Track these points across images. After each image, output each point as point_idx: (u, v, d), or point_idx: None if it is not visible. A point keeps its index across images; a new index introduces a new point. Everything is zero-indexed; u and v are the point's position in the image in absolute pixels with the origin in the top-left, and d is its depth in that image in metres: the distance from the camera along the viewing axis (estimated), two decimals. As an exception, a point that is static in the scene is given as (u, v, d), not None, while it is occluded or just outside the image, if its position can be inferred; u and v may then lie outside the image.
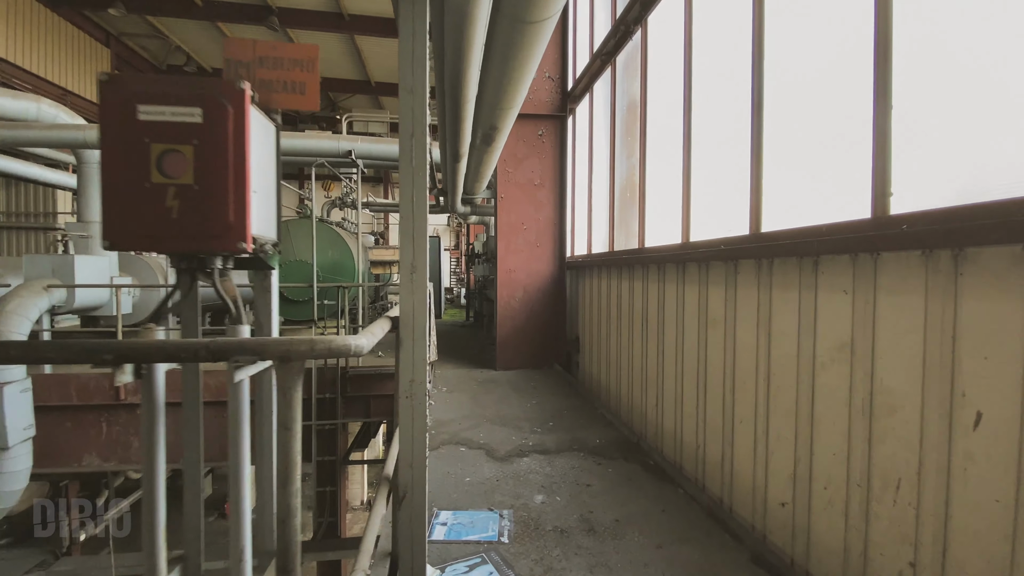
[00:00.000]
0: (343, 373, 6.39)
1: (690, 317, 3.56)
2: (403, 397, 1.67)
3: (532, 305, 6.55)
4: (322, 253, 6.97)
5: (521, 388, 5.59)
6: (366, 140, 6.44)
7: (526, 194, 6.51)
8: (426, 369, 1.65)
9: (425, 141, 1.59)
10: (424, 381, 1.68)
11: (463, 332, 10.61)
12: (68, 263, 6.19)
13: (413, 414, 1.66)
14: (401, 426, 1.73)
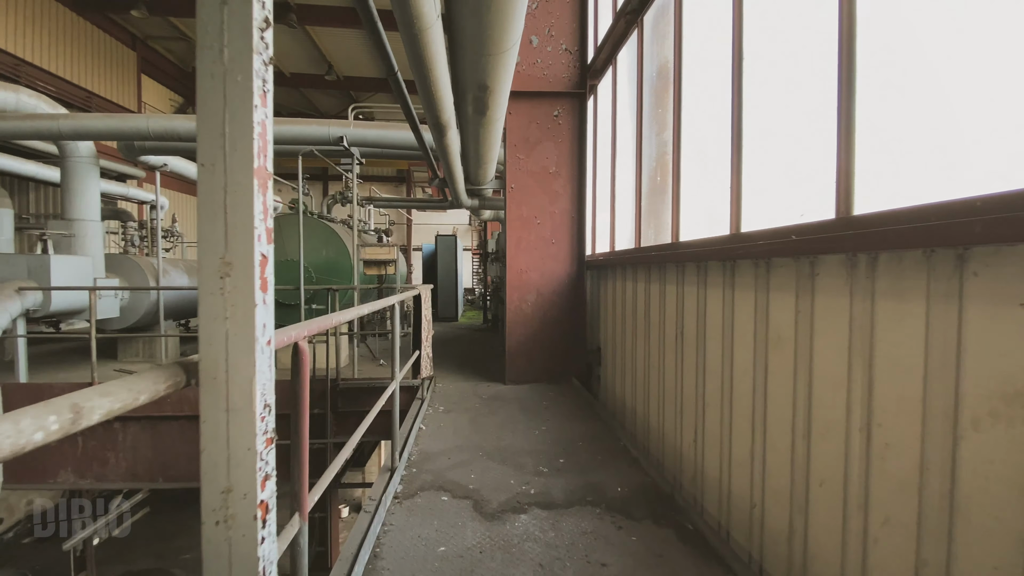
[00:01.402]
0: (333, 386, 5.71)
1: (743, 331, 2.68)
2: (207, 523, 0.86)
3: (547, 310, 5.73)
4: (315, 252, 6.33)
5: (531, 408, 4.78)
6: (360, 125, 5.75)
7: (540, 184, 5.69)
8: (256, 466, 0.84)
9: (251, 7, 0.81)
10: (255, 491, 0.87)
11: (477, 336, 9.85)
12: (44, 264, 5.73)
13: (231, 557, 0.84)
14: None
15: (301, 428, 1.41)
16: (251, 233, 0.77)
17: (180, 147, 6.81)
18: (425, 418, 4.43)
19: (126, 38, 17.30)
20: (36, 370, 6.57)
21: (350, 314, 2.05)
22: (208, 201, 0.76)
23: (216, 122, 0.76)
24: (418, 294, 4.03)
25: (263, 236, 0.80)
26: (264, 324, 0.81)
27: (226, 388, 0.78)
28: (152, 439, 5.73)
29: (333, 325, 1.84)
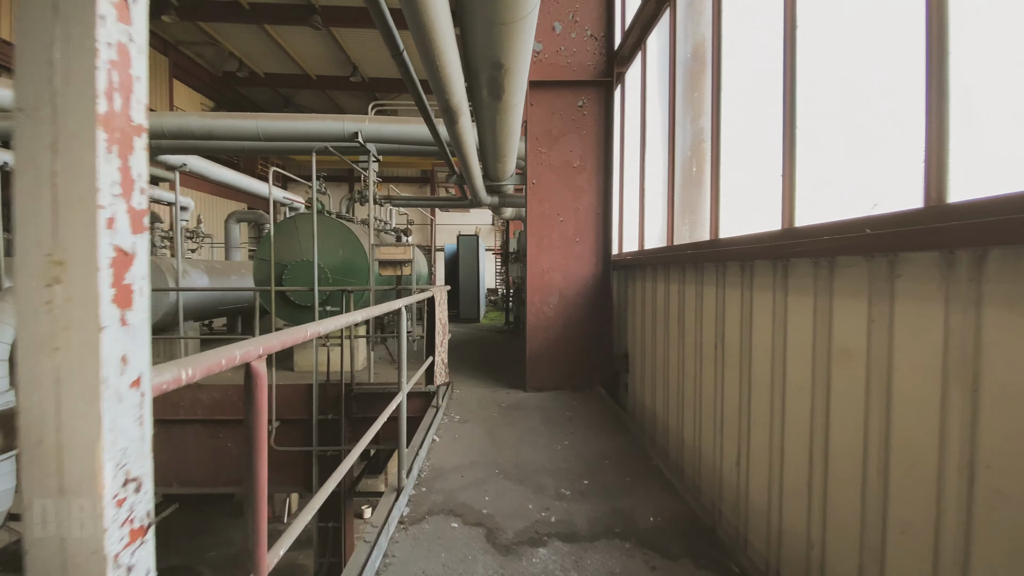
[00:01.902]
0: (347, 391, 5.51)
1: (798, 342, 2.30)
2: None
3: (570, 313, 5.39)
4: (331, 252, 6.14)
5: (553, 419, 4.45)
6: (376, 120, 5.52)
7: (563, 179, 5.36)
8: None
9: None
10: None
11: (498, 339, 9.55)
12: (63, 264, 5.69)
13: None
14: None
15: (257, 471, 1.12)
16: (94, 216, 0.49)
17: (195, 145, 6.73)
18: (440, 428, 4.16)
19: (158, 44, 17.68)
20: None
21: (331, 324, 1.78)
22: (28, 168, 0.48)
23: (40, 42, 0.48)
24: (431, 296, 3.75)
25: (121, 221, 0.51)
26: (124, 356, 0.52)
27: (56, 458, 0.50)
28: (166, 442, 5.65)
29: (301, 339, 1.57)
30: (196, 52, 19.37)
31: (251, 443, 1.12)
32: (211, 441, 5.71)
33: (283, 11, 15.87)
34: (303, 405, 5.56)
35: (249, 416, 1.11)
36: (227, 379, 6.00)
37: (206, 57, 19.76)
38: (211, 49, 19.18)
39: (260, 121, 5.45)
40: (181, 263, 7.57)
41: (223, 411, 5.60)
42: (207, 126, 5.45)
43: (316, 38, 17.89)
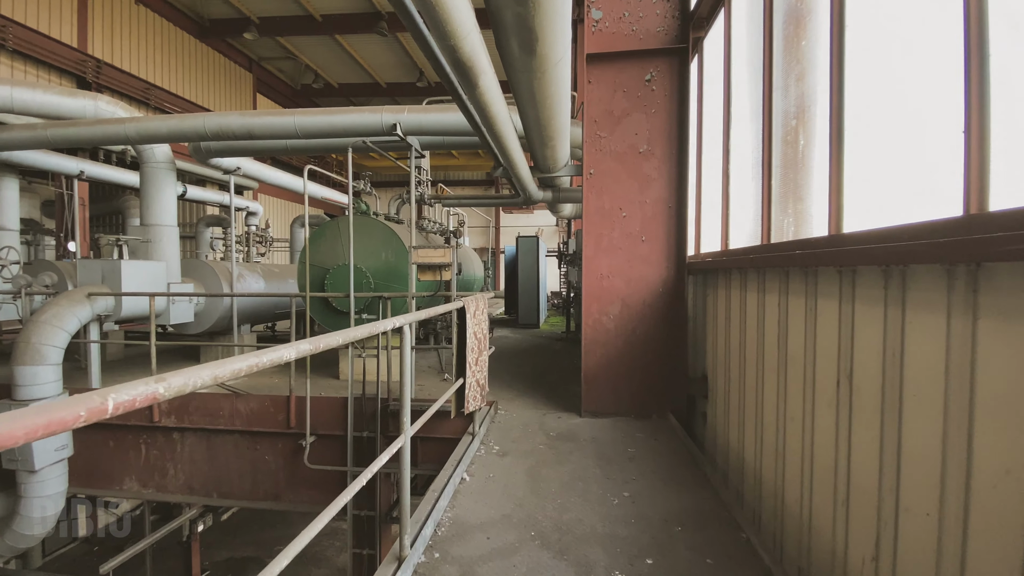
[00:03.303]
0: (384, 406, 5.03)
1: (1001, 393, 1.40)
2: None
3: (635, 325, 4.55)
4: (373, 256, 5.72)
5: (611, 456, 3.65)
6: (415, 110, 5.01)
7: (626, 167, 4.54)
8: None
9: None
10: None
11: (556, 348, 8.78)
12: (117, 269, 5.72)
13: None
14: None
15: None
16: None
17: (241, 147, 6.62)
18: (473, 461, 3.51)
19: (243, 60, 18.76)
20: (119, 372, 6.73)
21: (278, 354, 1.17)
22: None
23: None
24: (461, 307, 3.12)
25: None
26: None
27: None
28: (207, 452, 5.48)
29: (233, 374, 0.98)
30: (277, 67, 20.41)
31: None
32: (250, 453, 5.47)
33: (352, 20, 16.22)
34: (339, 420, 5.16)
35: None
36: (266, 388, 5.77)
37: (286, 71, 20.77)
38: (290, 63, 20.11)
39: (297, 117, 5.13)
40: (236, 267, 7.57)
41: (261, 423, 5.33)
42: (246, 124, 5.21)
43: (384, 45, 18.16)
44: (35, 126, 5.76)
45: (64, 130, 5.59)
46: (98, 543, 12.19)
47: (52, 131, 5.62)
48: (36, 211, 15.09)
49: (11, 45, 10.17)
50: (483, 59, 2.20)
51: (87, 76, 11.92)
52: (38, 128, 5.71)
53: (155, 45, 14.75)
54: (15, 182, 7.49)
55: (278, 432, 5.32)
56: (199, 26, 16.22)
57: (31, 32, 10.62)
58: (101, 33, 12.85)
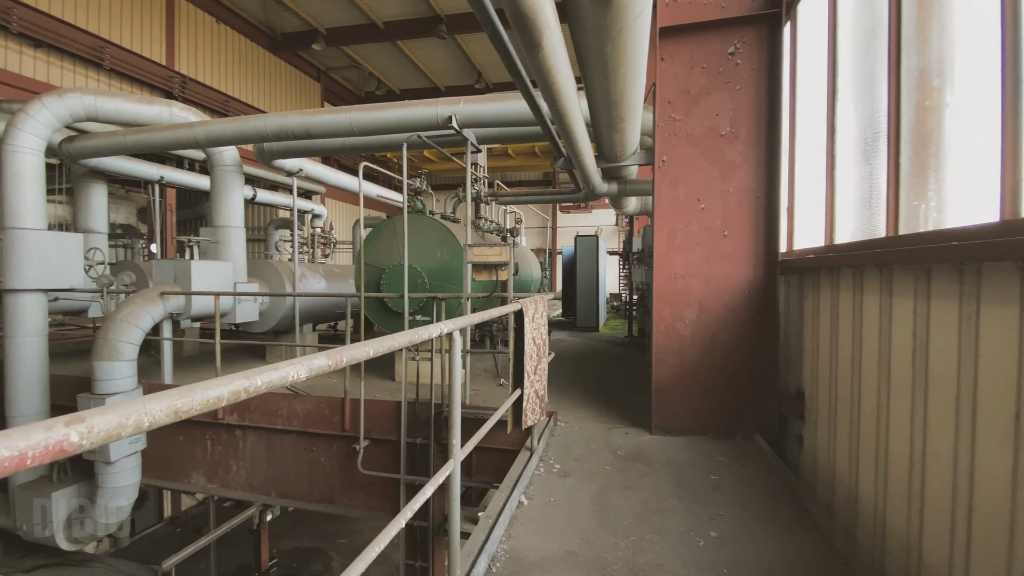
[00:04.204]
0: (437, 412, 4.79)
1: None
2: None
3: (715, 332, 4.01)
4: (428, 255, 5.53)
5: (691, 484, 3.17)
6: (471, 100, 4.74)
7: (705, 152, 4.01)
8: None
9: None
10: None
11: (618, 353, 8.24)
12: (187, 269, 5.90)
13: None
14: None
15: None
16: None
17: (300, 146, 6.66)
18: (532, 482, 3.15)
19: (312, 71, 19.61)
20: (192, 367, 7.00)
21: (277, 375, 0.88)
22: None
23: None
24: (519, 310, 2.78)
25: None
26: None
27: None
28: (267, 451, 5.50)
29: (203, 404, 0.71)
30: (343, 76, 21.19)
31: None
32: (307, 454, 5.43)
33: (412, 25, 16.47)
34: (392, 424, 4.98)
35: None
36: (323, 388, 5.74)
37: (351, 80, 21.52)
38: (354, 72, 20.80)
39: (353, 114, 5.03)
40: (299, 268, 7.69)
41: (317, 424, 5.27)
42: (304, 123, 5.18)
43: (443, 49, 18.34)
44: (116, 133, 6.08)
45: (141, 135, 5.85)
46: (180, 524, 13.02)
47: (131, 137, 5.90)
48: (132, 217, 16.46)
49: (108, 64, 11.05)
50: (548, 10, 1.84)
51: (174, 91, 12.78)
52: (119, 135, 6.02)
53: (233, 60, 15.65)
54: (103, 188, 8.04)
55: (333, 434, 5.23)
56: (272, 40, 17.07)
57: (125, 52, 11.51)
58: (186, 51, 13.77)
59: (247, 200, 10.75)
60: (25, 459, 0.50)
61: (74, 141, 6.41)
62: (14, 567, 5.00)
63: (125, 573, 5.24)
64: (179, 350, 8.15)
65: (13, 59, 9.38)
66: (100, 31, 11.05)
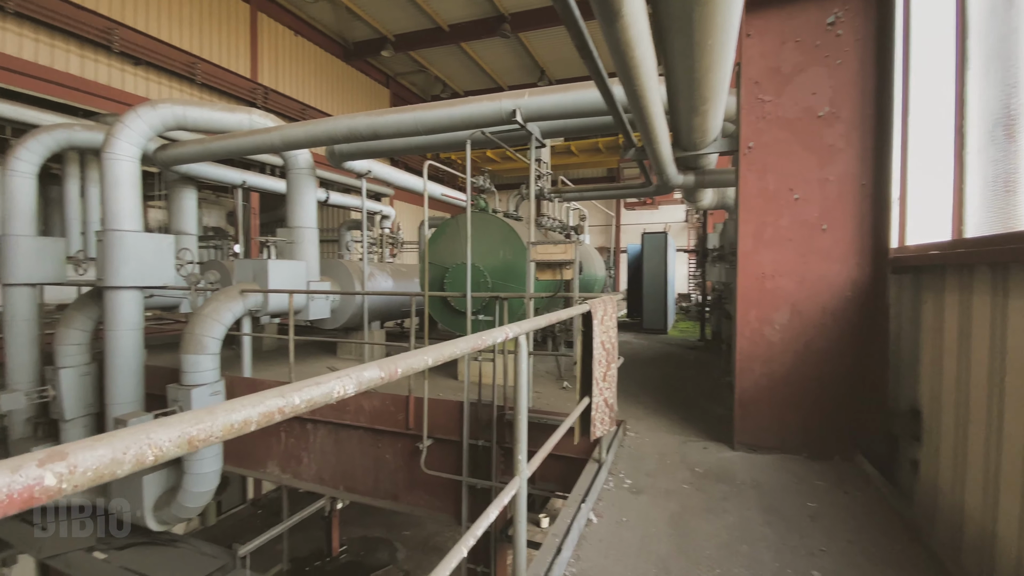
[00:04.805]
0: (499, 415, 4.66)
1: None
2: None
3: (809, 339, 3.57)
4: (491, 254, 5.42)
5: (783, 511, 2.80)
6: (536, 92, 4.56)
7: (799, 136, 3.58)
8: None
9: None
10: None
11: (690, 357, 7.74)
12: (265, 268, 6.19)
13: None
14: None
15: None
16: None
17: (368, 147, 6.78)
18: (601, 497, 2.92)
19: (381, 77, 20.33)
20: (270, 361, 7.36)
21: (288, 399, 0.75)
22: None
23: None
24: (587, 311, 2.56)
25: None
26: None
27: None
28: (335, 445, 5.64)
29: (207, 436, 0.59)
30: (410, 81, 21.80)
31: None
32: (373, 450, 5.50)
33: (476, 26, 16.60)
34: (455, 424, 4.92)
35: None
36: (386, 387, 5.80)
37: (417, 84, 22.09)
38: (421, 76, 21.33)
39: (418, 112, 5.01)
40: (367, 267, 7.89)
41: (382, 421, 5.32)
42: (372, 124, 5.24)
43: (506, 48, 18.35)
44: (202, 140, 6.49)
45: (225, 142, 6.19)
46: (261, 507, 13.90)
47: (216, 144, 6.27)
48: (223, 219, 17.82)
49: (200, 79, 11.97)
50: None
51: (257, 102, 13.65)
52: (205, 142, 6.43)
53: (309, 70, 16.50)
54: (193, 193, 8.68)
55: (397, 432, 5.26)
56: (344, 49, 17.84)
57: (214, 67, 12.42)
58: (268, 63, 14.66)
59: (320, 202, 11.26)
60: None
61: (166, 149, 6.93)
62: (109, 544, 5.45)
63: (207, 555, 5.56)
64: (258, 345, 8.63)
65: (116, 76, 10.38)
66: (192, 48, 11.99)
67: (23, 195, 6.40)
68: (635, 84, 2.33)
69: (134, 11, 10.74)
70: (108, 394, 5.58)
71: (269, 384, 5.87)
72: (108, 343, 5.54)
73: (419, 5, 15.50)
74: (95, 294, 6.10)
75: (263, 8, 14.31)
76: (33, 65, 9.01)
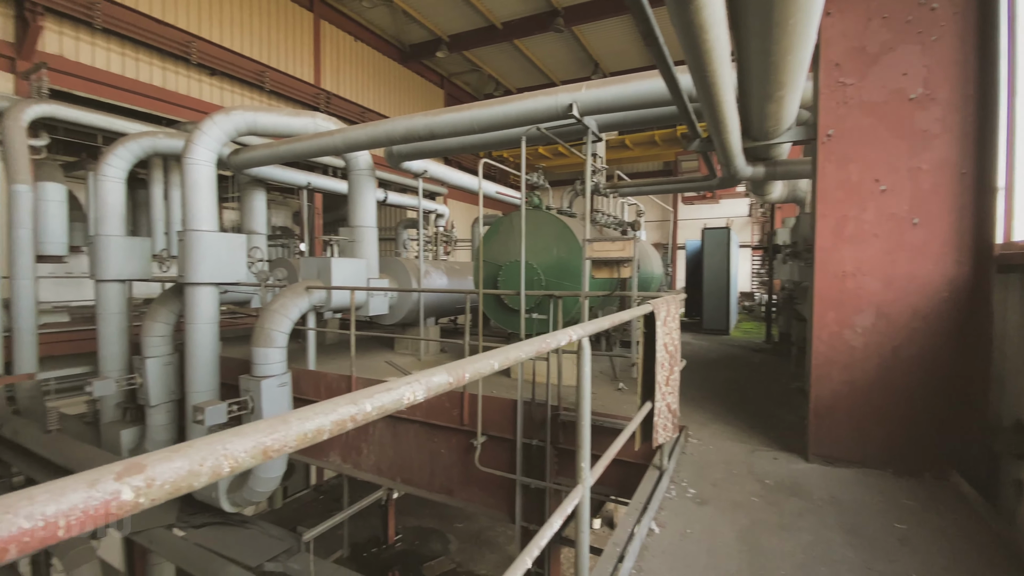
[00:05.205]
0: (554, 415, 4.60)
1: None
2: None
3: (897, 344, 3.26)
4: (544, 252, 5.36)
5: (867, 532, 2.57)
6: (593, 85, 4.44)
7: (886, 122, 3.26)
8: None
9: None
10: None
11: (755, 360, 7.33)
12: (328, 266, 6.44)
13: None
14: None
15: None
16: None
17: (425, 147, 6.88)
18: (663, 506, 2.80)
19: (435, 78, 20.72)
20: (332, 354, 7.67)
21: (352, 409, 0.73)
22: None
23: None
24: (650, 312, 2.45)
25: None
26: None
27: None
28: (393, 438, 5.78)
29: (258, 449, 0.57)
30: (463, 81, 22.07)
31: None
32: (428, 444, 5.60)
33: (529, 23, 16.55)
34: (508, 422, 4.91)
35: None
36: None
37: (471, 84, 22.33)
38: (474, 75, 21.54)
39: (473, 111, 5.02)
40: (423, 264, 8.05)
41: (437, 416, 5.40)
42: (429, 124, 5.31)
43: (559, 42, 18.17)
44: (270, 144, 6.84)
45: (291, 145, 6.49)
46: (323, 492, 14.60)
47: (283, 147, 6.59)
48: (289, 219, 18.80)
49: (268, 86, 12.64)
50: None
51: (320, 107, 14.26)
52: (272, 146, 6.77)
53: (368, 74, 17.05)
54: (263, 194, 9.18)
55: (452, 427, 5.32)
56: (401, 52, 18.29)
57: (281, 74, 13.08)
58: (330, 69, 15.28)
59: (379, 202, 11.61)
60: (56, 530, 0.36)
61: (239, 153, 7.36)
62: (187, 522, 5.87)
63: (274, 537, 5.87)
64: (321, 339, 9.03)
65: (195, 86, 11.16)
66: (261, 57, 12.69)
67: (114, 198, 6.99)
68: (706, 70, 2.18)
69: (209, 24, 11.49)
70: (187, 382, 6.00)
71: (332, 377, 6.10)
72: (188, 335, 5.96)
73: (473, 4, 15.61)
74: (176, 290, 6.58)
75: (325, 16, 14.92)
76: (120, 78, 9.84)
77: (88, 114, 8.46)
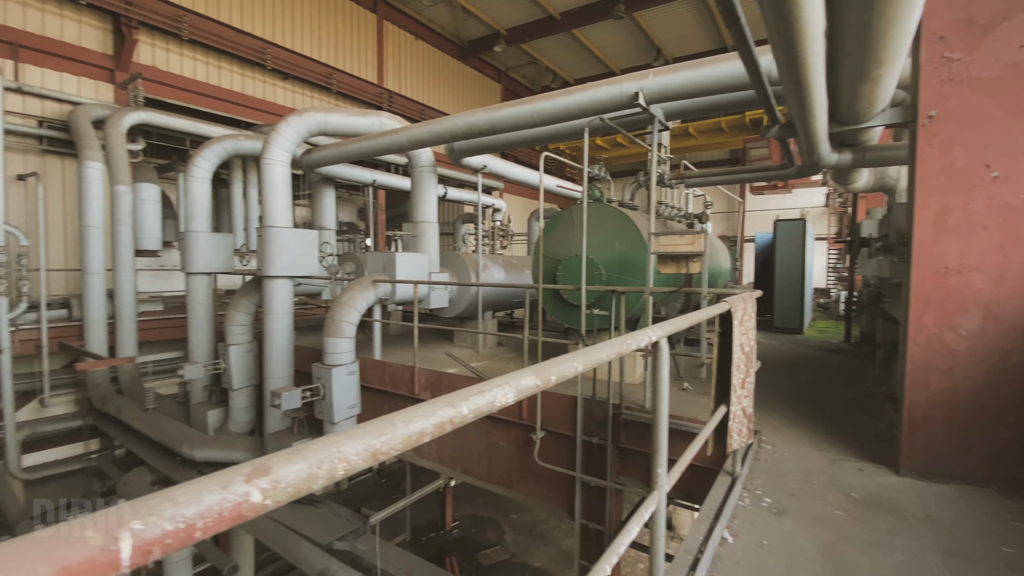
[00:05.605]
0: (616, 413, 4.51)
1: None
2: None
3: (1007, 349, 2.91)
4: (606, 245, 5.24)
5: (969, 555, 2.32)
6: (660, 72, 4.26)
7: (1000, 101, 2.90)
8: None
9: None
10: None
11: (834, 362, 6.83)
12: (392, 260, 6.65)
13: None
14: None
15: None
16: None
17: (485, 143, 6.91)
18: (736, 515, 2.67)
19: (493, 73, 20.82)
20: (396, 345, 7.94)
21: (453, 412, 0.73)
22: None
23: None
24: (727, 311, 2.32)
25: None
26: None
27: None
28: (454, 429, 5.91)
29: (372, 450, 0.58)
30: (520, 74, 22.04)
31: None
32: (488, 437, 5.67)
33: (588, 11, 16.23)
34: (568, 419, 4.87)
35: None
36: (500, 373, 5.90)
37: (528, 76, 22.25)
38: (531, 68, 21.45)
39: (535, 104, 4.98)
40: (482, 259, 8.13)
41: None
42: (490, 119, 5.33)
43: (619, 29, 17.69)
44: (339, 144, 7.14)
45: (359, 144, 6.74)
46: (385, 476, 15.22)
47: (350, 147, 6.86)
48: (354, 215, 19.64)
49: (335, 88, 13.20)
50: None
51: (383, 105, 14.73)
52: (341, 145, 7.06)
53: (428, 72, 17.38)
54: (332, 192, 9.62)
55: (511, 421, 5.35)
56: (459, 48, 18.50)
57: (347, 76, 13.61)
58: (392, 69, 15.72)
59: (439, 198, 11.87)
60: (193, 532, 0.38)
61: (310, 153, 7.74)
62: (269, 502, 6.28)
63: (342, 517, 6.18)
64: (384, 330, 9.38)
65: (269, 90, 11.85)
66: (329, 60, 13.26)
67: (201, 197, 7.57)
68: (796, 50, 2.01)
69: (282, 31, 12.14)
70: (265, 368, 6.42)
71: (396, 367, 6.31)
72: (265, 325, 6.37)
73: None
74: (256, 282, 7.05)
75: (388, 16, 15.34)
76: (204, 84, 10.62)
77: (178, 120, 9.20)
